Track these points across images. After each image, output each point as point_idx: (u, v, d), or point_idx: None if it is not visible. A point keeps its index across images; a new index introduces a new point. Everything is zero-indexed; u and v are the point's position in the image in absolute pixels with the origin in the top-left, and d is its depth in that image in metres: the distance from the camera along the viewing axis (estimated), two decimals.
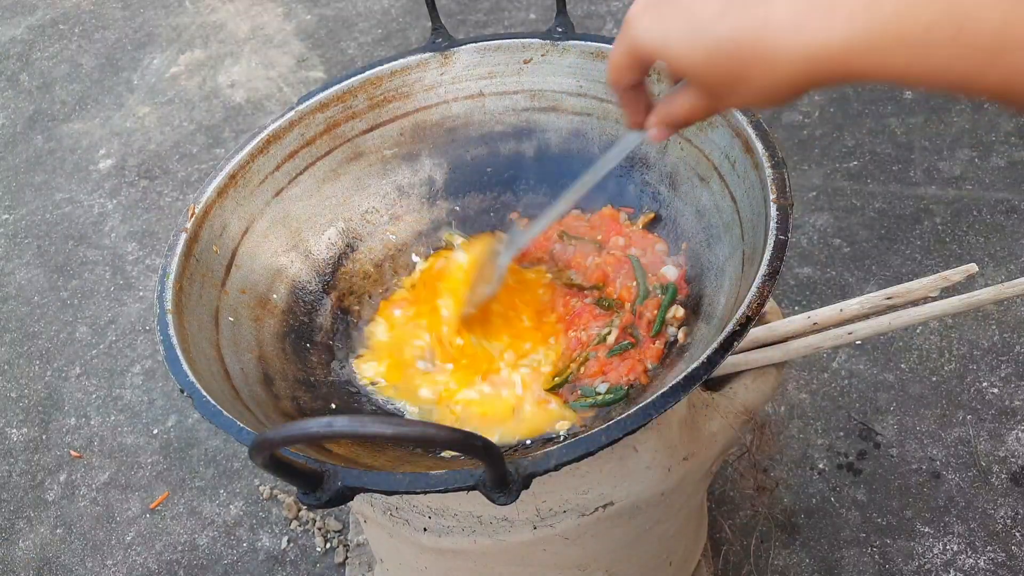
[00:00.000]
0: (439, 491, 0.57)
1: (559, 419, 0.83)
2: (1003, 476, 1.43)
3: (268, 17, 2.95)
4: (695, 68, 0.46)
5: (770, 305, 0.98)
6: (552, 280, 0.96)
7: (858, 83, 0.41)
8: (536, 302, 0.93)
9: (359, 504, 0.89)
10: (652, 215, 0.98)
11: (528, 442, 0.83)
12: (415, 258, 1.03)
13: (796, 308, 1.72)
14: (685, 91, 0.52)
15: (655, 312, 0.88)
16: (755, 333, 0.94)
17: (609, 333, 0.88)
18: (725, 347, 0.61)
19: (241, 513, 1.59)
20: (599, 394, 0.84)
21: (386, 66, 1.00)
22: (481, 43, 1.00)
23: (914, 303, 0.87)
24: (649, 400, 0.59)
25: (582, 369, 0.87)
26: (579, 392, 0.85)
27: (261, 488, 1.62)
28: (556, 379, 0.87)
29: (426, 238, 1.05)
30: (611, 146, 0.71)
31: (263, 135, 0.93)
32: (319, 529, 1.54)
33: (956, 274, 0.83)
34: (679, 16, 0.46)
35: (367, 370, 0.92)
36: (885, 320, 0.89)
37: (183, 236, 0.83)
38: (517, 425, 0.83)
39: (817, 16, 0.40)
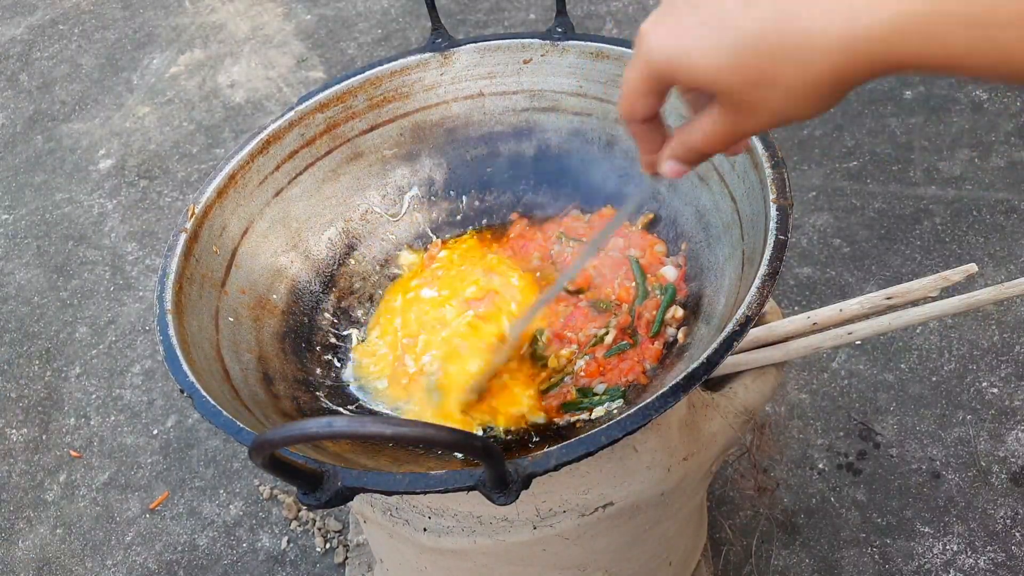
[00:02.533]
0: (439, 491, 0.57)
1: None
2: (1003, 476, 1.43)
3: (268, 17, 2.95)
4: (719, 74, 0.40)
5: (770, 305, 0.98)
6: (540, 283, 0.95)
7: (908, 74, 0.37)
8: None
9: (359, 504, 0.89)
10: (651, 216, 0.98)
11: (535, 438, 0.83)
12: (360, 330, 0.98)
13: (796, 308, 1.72)
14: (705, 114, 0.45)
15: (654, 313, 0.88)
16: (755, 333, 0.94)
17: (607, 334, 0.88)
18: (725, 347, 0.61)
19: (241, 513, 1.59)
20: (597, 395, 0.83)
21: (386, 66, 1.00)
22: (481, 43, 1.00)
23: (914, 303, 0.87)
24: (649, 400, 0.59)
25: (576, 370, 0.87)
26: (574, 393, 0.85)
27: (261, 488, 1.62)
28: (552, 379, 0.87)
29: (426, 238, 1.05)
30: (624, 202, 0.65)
31: (263, 135, 0.93)
32: (319, 529, 1.54)
33: (956, 274, 0.83)
34: (696, 18, 0.40)
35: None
36: (885, 320, 0.89)
37: (183, 236, 0.83)
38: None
39: (855, 1, 0.35)
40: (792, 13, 0.36)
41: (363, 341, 0.96)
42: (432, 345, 0.89)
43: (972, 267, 0.84)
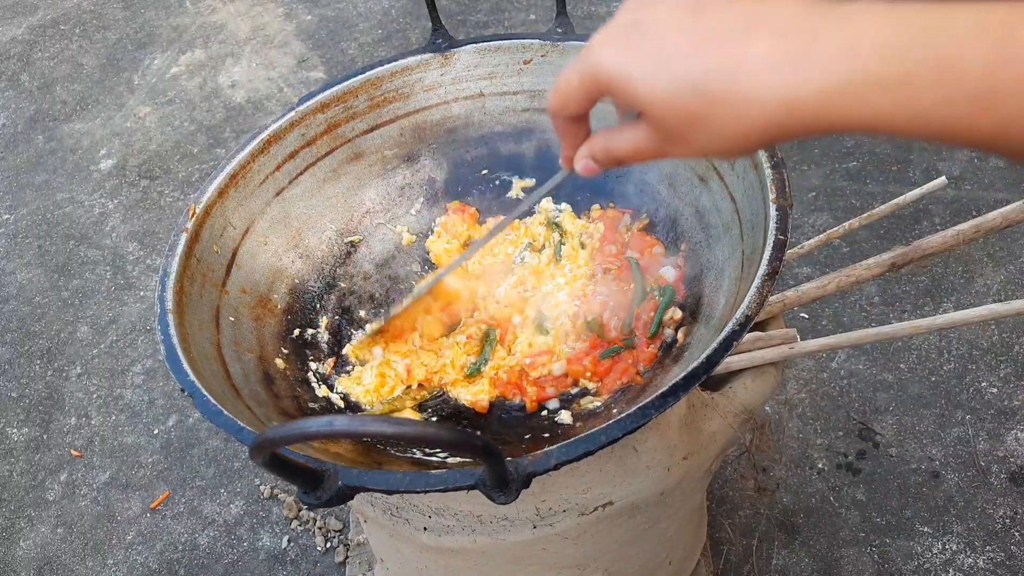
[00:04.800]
0: (439, 490, 0.57)
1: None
2: (1002, 476, 1.43)
3: (269, 18, 2.95)
4: (656, 103, 0.42)
5: (768, 305, 0.98)
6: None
7: (836, 133, 0.38)
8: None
9: (359, 503, 0.90)
10: (646, 220, 0.98)
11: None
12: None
13: (795, 308, 1.72)
14: (634, 127, 0.47)
15: (652, 314, 0.88)
16: (754, 332, 0.94)
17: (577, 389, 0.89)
18: (724, 347, 0.61)
19: (242, 512, 1.59)
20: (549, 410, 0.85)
21: (386, 67, 1.00)
22: (481, 44, 1.01)
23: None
24: (649, 400, 0.60)
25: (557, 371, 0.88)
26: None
27: (261, 488, 1.62)
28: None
29: (426, 239, 1.06)
30: (537, 189, 0.68)
31: (264, 135, 0.94)
32: (319, 528, 1.54)
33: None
34: (647, 47, 0.42)
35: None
36: (888, 329, 0.89)
37: (184, 236, 0.83)
38: None
39: (794, 61, 0.37)
40: (734, 67, 0.39)
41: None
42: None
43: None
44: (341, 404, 0.88)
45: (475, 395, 0.87)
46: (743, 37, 0.39)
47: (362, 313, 0.99)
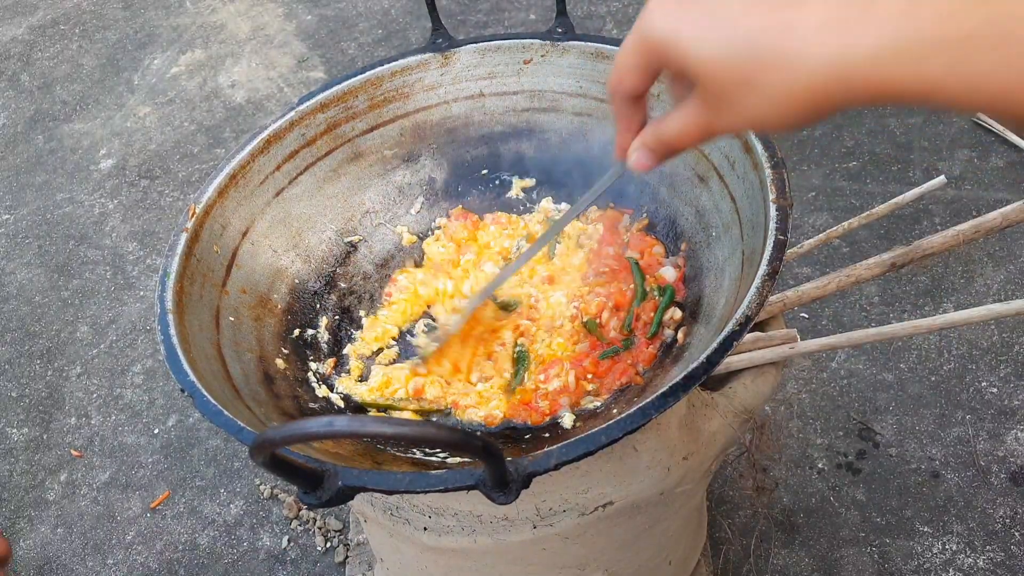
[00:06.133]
0: (439, 490, 0.57)
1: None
2: (1002, 476, 1.43)
3: (269, 17, 2.95)
4: (706, 64, 0.41)
5: (768, 305, 0.98)
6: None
7: (883, 102, 0.38)
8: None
9: (359, 503, 0.90)
10: (646, 220, 0.98)
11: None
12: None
13: (795, 309, 1.72)
14: (682, 106, 0.47)
15: (652, 315, 0.88)
16: (754, 332, 0.94)
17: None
18: (724, 347, 0.61)
19: (242, 512, 1.59)
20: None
21: (386, 66, 1.00)
22: (481, 44, 1.01)
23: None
24: (649, 400, 0.60)
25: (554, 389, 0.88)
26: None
27: (262, 488, 1.62)
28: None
29: (425, 239, 1.06)
30: (591, 187, 0.68)
31: (263, 135, 0.93)
32: (319, 528, 1.54)
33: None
34: (699, 9, 0.42)
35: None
36: (888, 329, 0.89)
37: (184, 236, 0.83)
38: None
39: (847, 23, 0.36)
40: (790, 25, 0.38)
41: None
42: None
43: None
44: (341, 404, 0.88)
45: (489, 411, 0.86)
46: (798, 0, 0.38)
47: (362, 313, 0.99)
